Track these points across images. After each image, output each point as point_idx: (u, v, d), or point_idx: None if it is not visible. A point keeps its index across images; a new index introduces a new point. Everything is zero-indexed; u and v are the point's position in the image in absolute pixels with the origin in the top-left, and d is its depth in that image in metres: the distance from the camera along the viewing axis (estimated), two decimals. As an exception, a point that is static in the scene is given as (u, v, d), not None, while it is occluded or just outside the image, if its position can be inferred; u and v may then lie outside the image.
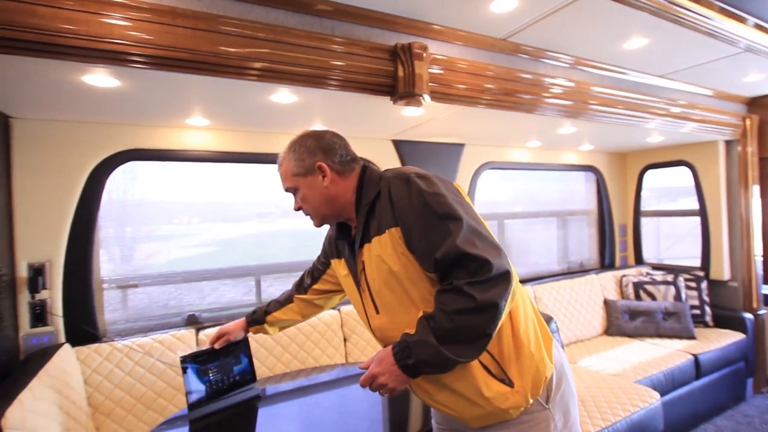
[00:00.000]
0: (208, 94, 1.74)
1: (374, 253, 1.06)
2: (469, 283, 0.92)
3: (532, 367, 1.02)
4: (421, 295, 1.03)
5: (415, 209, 1.00)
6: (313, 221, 1.24)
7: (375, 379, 1.00)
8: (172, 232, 2.43)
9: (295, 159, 1.16)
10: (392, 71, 1.74)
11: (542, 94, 2.18)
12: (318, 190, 1.15)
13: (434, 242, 0.96)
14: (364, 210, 1.10)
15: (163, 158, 2.23)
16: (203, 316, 2.40)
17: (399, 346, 0.99)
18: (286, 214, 2.77)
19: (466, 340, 0.94)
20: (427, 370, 0.97)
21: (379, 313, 1.10)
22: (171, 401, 2.02)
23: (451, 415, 1.10)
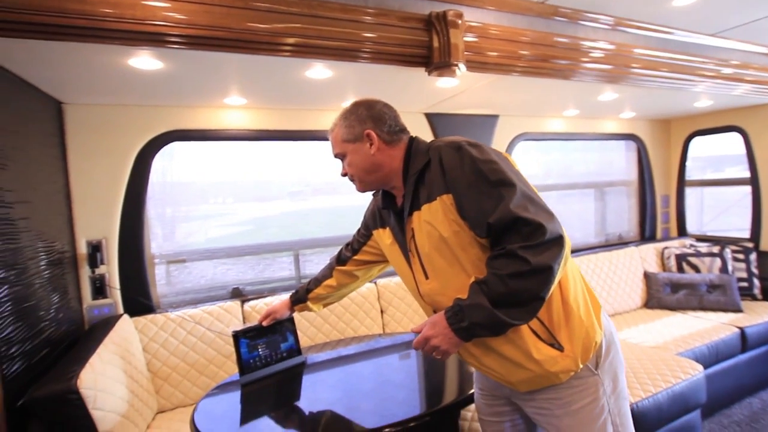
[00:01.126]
0: (244, 72, 1.77)
1: (424, 220, 1.08)
2: (523, 247, 0.93)
3: (582, 332, 1.04)
4: (471, 260, 1.05)
5: (467, 176, 1.01)
6: (357, 186, 1.27)
7: (428, 342, 1.03)
8: (208, 211, 2.52)
9: (346, 126, 1.21)
10: (426, 41, 1.71)
11: (580, 59, 2.08)
12: (364, 157, 1.19)
13: (487, 208, 0.98)
14: (413, 178, 1.12)
15: (203, 138, 2.30)
16: (247, 289, 2.51)
17: (452, 310, 1.01)
18: (316, 192, 2.81)
19: (519, 303, 0.95)
20: (480, 332, 0.99)
21: (429, 278, 1.12)
22: (221, 368, 2.15)
23: (498, 378, 1.12)
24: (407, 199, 1.14)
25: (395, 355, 2.08)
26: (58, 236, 1.87)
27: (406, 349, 2.14)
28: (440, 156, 1.07)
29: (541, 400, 1.11)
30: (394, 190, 1.24)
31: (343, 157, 1.24)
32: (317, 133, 2.54)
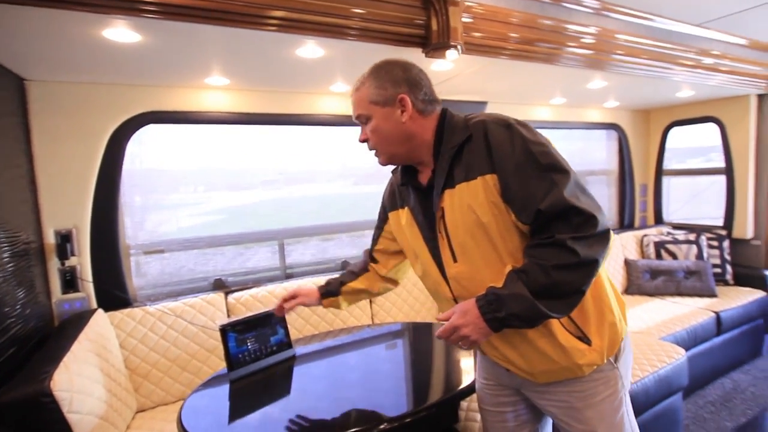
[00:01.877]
0: (229, 49, 1.65)
1: (460, 201, 1.00)
2: (574, 238, 0.89)
3: (611, 327, 1.02)
4: (506, 246, 0.99)
5: (517, 157, 0.94)
6: (379, 158, 1.15)
7: (457, 331, 0.97)
8: (179, 200, 2.38)
9: (377, 86, 1.06)
10: (425, 21, 1.64)
11: (564, 43, 2.03)
12: (393, 125, 1.06)
13: (537, 193, 0.92)
14: (448, 153, 1.02)
15: (182, 120, 2.16)
16: (229, 280, 2.40)
17: (485, 299, 0.95)
18: (292, 181, 2.71)
19: (561, 296, 0.91)
20: (515, 323, 0.93)
21: (458, 261, 1.04)
22: (205, 363, 2.05)
23: (515, 369, 1.09)
24: (439, 176, 1.04)
25: (382, 346, 2.05)
26: (23, 226, 1.71)
27: (393, 339, 2.12)
28: (486, 132, 0.98)
29: (560, 393, 1.08)
30: (419, 165, 1.14)
31: (366, 120, 1.10)
32: (304, 118, 2.43)
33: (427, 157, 1.10)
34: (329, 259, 2.71)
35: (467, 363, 1.77)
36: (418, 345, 2.03)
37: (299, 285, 1.53)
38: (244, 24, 1.39)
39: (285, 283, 2.34)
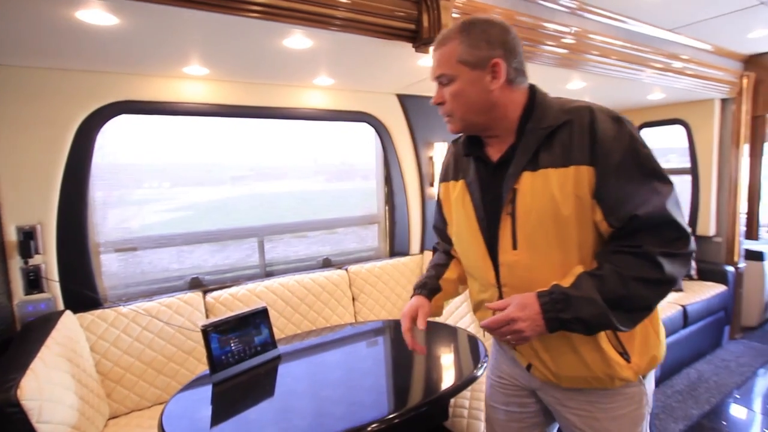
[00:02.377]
0: (209, 36, 1.57)
1: (542, 186, 0.92)
2: (665, 254, 0.84)
3: (652, 348, 0.99)
4: (578, 245, 0.92)
5: (623, 155, 0.87)
6: (451, 125, 1.03)
7: (511, 324, 0.89)
8: (143, 196, 2.25)
9: (469, 44, 0.93)
10: (416, 15, 1.62)
11: (544, 42, 2.05)
12: (479, 91, 0.95)
13: (635, 197, 0.86)
14: (538, 134, 0.93)
15: (157, 111, 2.05)
16: (207, 279, 2.31)
17: (550, 296, 0.88)
18: (262, 177, 2.63)
19: (631, 309, 0.87)
20: (576, 328, 0.88)
21: (518, 249, 0.96)
22: (183, 365, 1.97)
23: (541, 370, 1.04)
24: (521, 155, 0.95)
25: (364, 343, 2.03)
26: (-19, 221, 1.58)
27: (375, 336, 2.10)
28: (593, 121, 0.89)
29: (582, 402, 1.04)
30: (491, 138, 1.03)
31: (448, 81, 0.97)
32: (285, 111, 2.36)
33: (505, 133, 1.00)
34: (310, 257, 2.65)
35: (448, 359, 1.79)
36: (400, 342, 2.01)
37: (403, 308, 1.34)
38: (225, 9, 1.33)
39: (265, 281, 2.28)
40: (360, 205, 2.86)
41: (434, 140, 2.82)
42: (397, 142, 2.73)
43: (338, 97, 2.50)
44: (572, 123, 0.91)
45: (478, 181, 1.05)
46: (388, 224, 2.83)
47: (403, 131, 2.74)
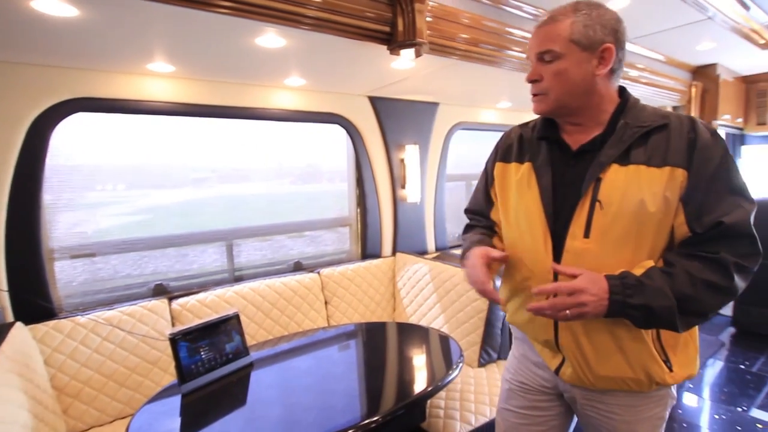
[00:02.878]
0: (176, 32, 1.49)
1: (635, 181, 0.93)
2: (737, 264, 0.88)
3: (691, 363, 1.02)
4: (651, 244, 0.94)
5: (717, 166, 0.91)
6: (541, 104, 1.01)
7: (578, 295, 0.88)
8: (96, 199, 2.11)
9: (584, 24, 0.93)
10: (390, 17, 1.62)
11: (509, 47, 2.09)
12: (584, 74, 0.95)
13: (722, 207, 0.90)
14: (635, 130, 0.95)
15: (118, 109, 1.94)
16: (172, 285, 2.21)
17: (622, 280, 0.89)
18: (224, 179, 2.56)
19: (692, 313, 0.89)
20: (636, 316, 0.89)
21: (589, 238, 0.96)
22: (147, 376, 1.87)
23: (576, 368, 1.03)
24: (612, 147, 0.96)
25: (335, 348, 2.01)
26: None
27: (347, 340, 2.09)
28: (695, 128, 0.93)
29: (613, 405, 1.05)
30: (573, 126, 1.03)
31: (552, 58, 0.95)
32: (254, 112, 2.30)
33: (591, 122, 1.01)
34: (280, 260, 2.60)
35: (421, 360, 1.80)
36: (373, 345, 2.01)
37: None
38: (193, 4, 1.28)
39: (235, 286, 2.21)
40: (330, 207, 2.83)
41: (406, 143, 2.83)
42: (368, 144, 2.72)
43: (309, 98, 2.46)
44: (670, 127, 0.94)
45: (549, 165, 1.04)
46: (359, 226, 2.81)
47: (375, 133, 2.74)
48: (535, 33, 1.00)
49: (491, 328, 2.11)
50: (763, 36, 2.87)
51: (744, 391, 2.79)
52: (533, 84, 1.00)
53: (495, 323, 2.12)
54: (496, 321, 2.13)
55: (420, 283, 2.48)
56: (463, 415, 1.77)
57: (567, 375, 1.06)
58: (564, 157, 1.04)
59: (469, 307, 2.16)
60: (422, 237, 3.02)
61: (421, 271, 2.50)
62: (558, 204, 1.01)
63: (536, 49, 0.98)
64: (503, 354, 2.20)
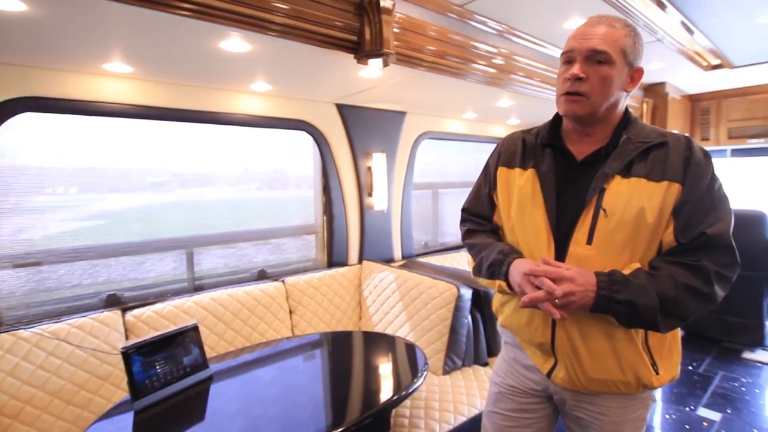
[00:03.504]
0: (134, 32, 1.44)
1: (631, 192, 0.99)
2: (718, 273, 0.95)
3: (675, 366, 1.08)
4: (643, 252, 1.01)
5: (707, 184, 0.99)
6: (577, 104, 1.02)
7: (567, 283, 0.94)
8: (45, 203, 1.99)
9: (633, 41, 1.02)
10: (358, 27, 1.62)
11: (475, 60, 2.15)
12: (620, 85, 1.02)
13: (707, 220, 0.97)
14: (637, 145, 1.02)
15: (69, 110, 1.84)
16: (127, 295, 2.11)
17: (609, 277, 0.95)
18: (186, 183, 2.49)
19: (672, 315, 0.95)
20: (621, 312, 0.94)
21: (591, 245, 1.01)
22: (97, 393, 1.76)
23: (569, 370, 1.07)
24: (616, 160, 1.02)
25: (300, 358, 1.98)
26: None
27: (312, 350, 2.06)
28: (689, 147, 1.00)
29: (601, 406, 1.10)
30: (584, 136, 1.09)
31: (602, 61, 0.99)
32: (218, 116, 2.24)
33: (600, 134, 1.07)
34: (244, 269, 2.53)
35: (386, 369, 1.80)
36: (338, 355, 1.99)
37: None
38: (154, 5, 1.23)
39: (194, 296, 2.13)
40: (296, 214, 2.79)
41: (373, 151, 2.84)
42: (335, 152, 2.71)
43: (275, 104, 2.43)
44: (668, 145, 1.01)
45: (553, 173, 1.09)
46: (326, 234, 2.79)
47: (342, 141, 2.73)
48: (588, 31, 1.01)
49: (456, 335, 2.14)
50: (706, 59, 3.08)
51: (692, 391, 2.95)
52: (575, 82, 1.00)
53: (460, 331, 2.15)
54: (461, 329, 2.15)
55: (386, 291, 2.48)
56: (427, 424, 1.77)
57: (559, 378, 1.10)
58: (568, 166, 1.09)
59: (434, 315, 2.17)
60: (389, 245, 3.02)
61: (387, 279, 2.50)
62: (561, 211, 1.06)
63: (590, 47, 0.99)
64: (468, 361, 2.22)
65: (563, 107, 1.05)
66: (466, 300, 2.15)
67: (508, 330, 1.24)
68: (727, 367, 3.29)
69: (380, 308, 2.49)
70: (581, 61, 1.00)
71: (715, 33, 2.62)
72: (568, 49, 1.04)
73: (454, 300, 2.12)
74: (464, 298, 2.14)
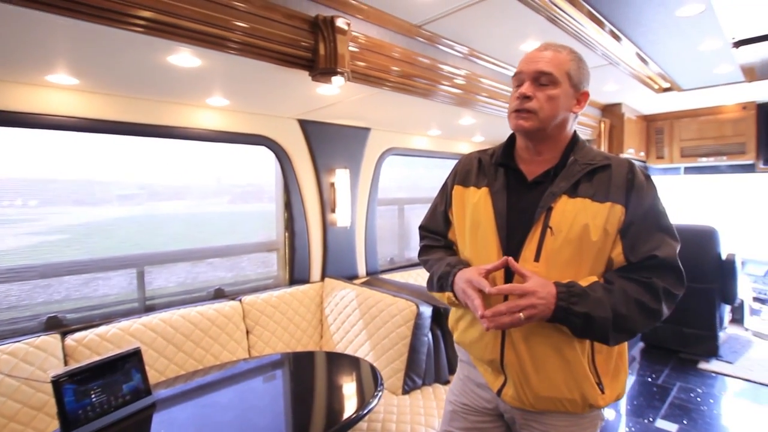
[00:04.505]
0: (80, 45, 1.39)
1: (576, 212, 1.03)
2: (666, 290, 1.00)
3: (620, 384, 1.11)
4: (592, 269, 1.04)
5: (649, 206, 1.04)
6: (527, 121, 1.07)
7: (529, 296, 0.96)
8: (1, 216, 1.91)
9: (578, 66, 1.09)
10: (312, 44, 1.62)
11: (441, 82, 2.21)
12: (567, 106, 1.08)
13: (653, 241, 1.02)
14: (583, 167, 1.06)
15: (7, 123, 1.75)
16: (69, 317, 1.99)
17: (568, 288, 0.98)
18: (155, 196, 2.42)
19: (622, 329, 0.99)
20: (576, 323, 0.97)
21: (539, 262, 1.04)
22: (29, 424, 1.64)
23: (519, 388, 1.09)
24: (563, 180, 1.07)
25: (259, 379, 1.92)
26: None
27: (272, 371, 2.00)
28: (630, 170, 1.06)
29: (549, 425, 1.12)
30: (535, 155, 1.13)
31: (548, 82, 1.06)
32: (174, 131, 2.18)
33: (550, 154, 1.11)
34: (200, 287, 2.44)
35: (339, 390, 1.76)
36: (300, 375, 1.94)
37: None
38: (103, 21, 1.20)
39: (143, 317, 2.03)
40: (262, 228, 2.74)
41: (336, 167, 2.82)
42: (297, 168, 2.68)
43: (235, 119, 2.39)
44: (611, 167, 1.06)
45: (504, 191, 1.13)
46: (287, 251, 2.73)
47: (304, 157, 2.70)
48: (536, 55, 1.09)
49: (416, 354, 2.11)
50: (657, 82, 3.24)
51: (651, 402, 3.01)
52: (523, 100, 1.08)
53: (419, 349, 2.13)
54: (421, 347, 2.13)
55: (347, 310, 2.44)
56: (383, 447, 1.73)
57: (508, 396, 1.12)
58: (519, 185, 1.14)
59: (393, 333, 2.15)
60: (353, 261, 2.99)
61: (349, 296, 2.46)
62: (511, 228, 1.09)
63: (536, 69, 1.07)
64: (428, 380, 2.20)
65: (513, 123, 1.11)
66: (425, 317, 2.14)
67: (462, 347, 1.27)
68: (684, 378, 3.39)
69: (341, 326, 2.45)
70: (529, 82, 1.08)
71: (662, 59, 2.76)
72: (518, 71, 1.11)
73: (414, 318, 2.10)
74: (424, 316, 2.12)
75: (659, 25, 2.20)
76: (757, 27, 2.28)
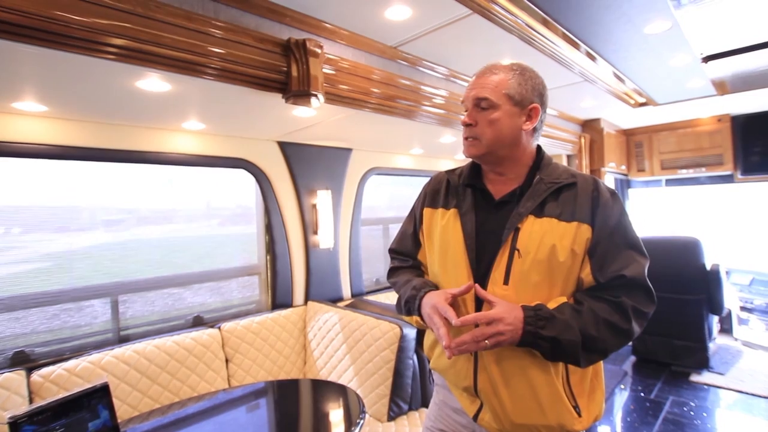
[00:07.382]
0: (47, 72, 1.37)
1: (543, 232, 1.01)
2: (636, 309, 0.98)
3: (598, 406, 1.08)
4: (562, 289, 1.02)
5: (615, 224, 1.02)
6: (472, 148, 1.08)
7: (497, 324, 0.94)
8: None
9: (519, 82, 1.05)
10: (284, 67, 1.62)
11: (423, 102, 2.24)
12: (513, 126, 1.05)
13: (621, 260, 1.00)
14: (549, 186, 1.04)
15: (-25, 152, 1.71)
16: (38, 351, 1.91)
17: (535, 312, 0.96)
18: (142, 221, 2.38)
19: (593, 350, 0.97)
20: (545, 347, 0.95)
21: (508, 284, 1.02)
22: (-11, 469, 1.54)
23: (491, 414, 1.06)
24: (529, 200, 1.04)
25: (242, 410, 1.84)
26: None
27: (255, 400, 1.92)
28: (596, 189, 1.04)
29: None
30: (497, 176, 1.11)
31: (487, 106, 1.05)
32: (149, 156, 2.15)
33: (513, 174, 1.09)
34: (177, 315, 2.37)
35: (336, 415, 1.69)
36: (283, 403, 1.86)
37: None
38: (74, 49, 1.19)
39: (115, 349, 1.95)
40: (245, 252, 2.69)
41: (318, 188, 2.80)
42: (278, 190, 2.65)
43: (213, 143, 2.36)
44: (577, 185, 1.04)
45: (472, 212, 1.10)
46: (269, 275, 2.68)
47: (285, 179, 2.68)
48: (475, 82, 1.09)
49: (400, 378, 2.06)
50: (633, 98, 3.31)
51: (644, 419, 2.96)
52: (467, 128, 1.09)
53: (404, 373, 2.07)
54: (406, 370, 2.08)
55: (330, 333, 2.38)
56: (367, 479, 1.66)
57: (485, 421, 1.09)
58: (487, 204, 1.12)
59: (377, 357, 2.09)
60: (337, 284, 2.94)
61: (332, 320, 2.41)
62: (480, 250, 1.07)
63: (473, 95, 1.07)
64: (414, 405, 2.14)
65: (463, 149, 1.13)
66: (409, 340, 2.09)
67: (437, 372, 1.23)
68: (676, 391, 3.35)
69: (324, 351, 2.38)
70: (471, 109, 1.09)
71: (636, 75, 2.82)
72: (462, 99, 1.12)
73: (398, 340, 2.05)
74: (408, 338, 2.08)
75: (630, 43, 2.25)
76: (724, 43, 2.35)
